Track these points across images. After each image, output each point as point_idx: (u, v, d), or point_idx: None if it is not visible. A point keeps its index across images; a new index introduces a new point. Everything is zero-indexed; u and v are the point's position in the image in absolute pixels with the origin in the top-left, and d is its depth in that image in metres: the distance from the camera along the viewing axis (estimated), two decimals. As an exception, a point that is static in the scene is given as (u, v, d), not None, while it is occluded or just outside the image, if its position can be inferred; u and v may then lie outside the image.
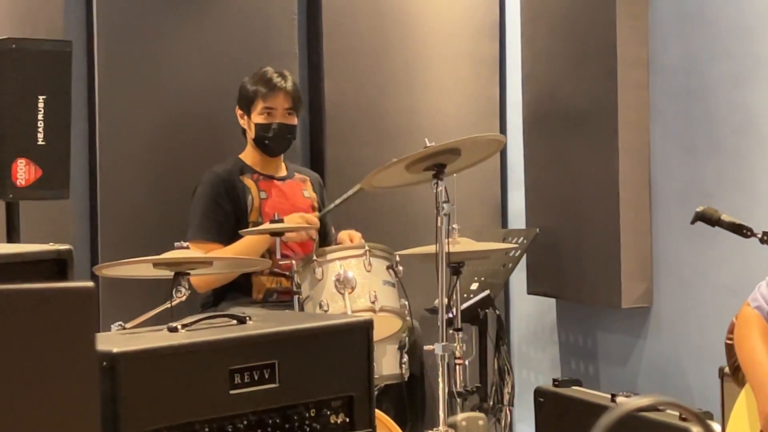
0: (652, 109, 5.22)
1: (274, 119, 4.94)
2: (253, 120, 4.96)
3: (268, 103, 4.95)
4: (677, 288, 5.14)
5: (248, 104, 4.98)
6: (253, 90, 4.96)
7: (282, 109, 4.96)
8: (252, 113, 4.97)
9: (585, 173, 5.44)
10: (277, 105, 4.95)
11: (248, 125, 4.99)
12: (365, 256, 4.47)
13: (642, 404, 1.14)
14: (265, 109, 4.95)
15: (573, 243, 5.56)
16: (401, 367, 4.50)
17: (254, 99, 4.96)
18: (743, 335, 3.03)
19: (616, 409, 1.09)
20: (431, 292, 4.42)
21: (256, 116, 4.96)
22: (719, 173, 4.85)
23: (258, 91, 4.95)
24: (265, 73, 4.99)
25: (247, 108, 4.98)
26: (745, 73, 4.73)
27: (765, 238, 3.57)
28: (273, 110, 4.95)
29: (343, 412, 3.11)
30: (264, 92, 4.94)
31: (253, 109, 4.97)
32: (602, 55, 5.28)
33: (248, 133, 5.01)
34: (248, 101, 4.98)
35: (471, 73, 6.12)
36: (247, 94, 4.99)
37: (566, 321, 5.90)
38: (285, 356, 2.98)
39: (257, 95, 4.95)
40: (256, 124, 4.95)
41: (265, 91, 4.94)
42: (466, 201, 5.59)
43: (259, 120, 4.95)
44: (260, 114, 4.96)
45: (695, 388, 4.94)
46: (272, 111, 4.95)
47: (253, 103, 4.96)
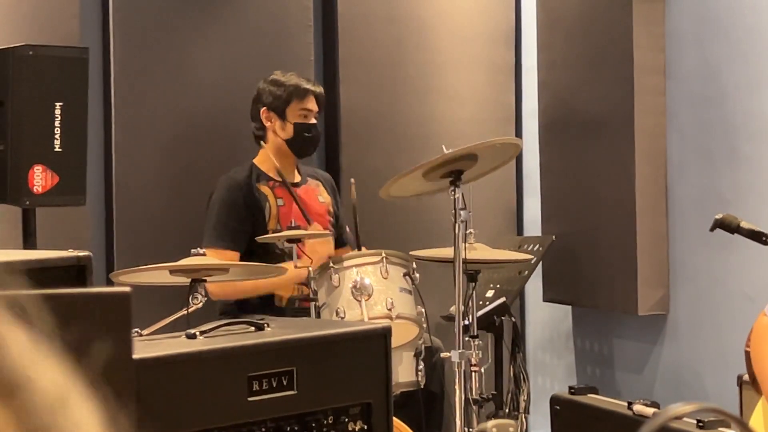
0: (669, 115, 5.21)
1: (309, 121, 4.96)
2: (290, 120, 4.94)
3: (306, 105, 4.95)
4: (694, 295, 5.12)
5: (283, 105, 4.95)
6: (289, 91, 4.95)
7: (315, 112, 4.98)
8: (288, 114, 4.95)
9: (601, 180, 5.44)
10: (313, 107, 4.97)
11: (281, 127, 4.96)
12: (382, 263, 4.46)
13: (686, 410, 1.13)
14: (302, 111, 4.95)
15: (589, 250, 5.55)
16: (417, 375, 4.49)
17: (290, 100, 4.95)
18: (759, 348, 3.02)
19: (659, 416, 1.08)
20: (447, 300, 4.42)
21: (294, 117, 4.94)
22: (736, 180, 4.84)
23: (296, 92, 4.94)
24: (291, 76, 5.00)
25: (281, 109, 4.95)
26: (762, 80, 4.72)
27: (784, 245, 3.56)
28: (309, 112, 4.96)
29: (361, 419, 3.10)
30: (302, 93, 4.94)
31: (289, 111, 4.94)
32: (619, 62, 5.28)
33: (279, 134, 4.96)
34: (282, 102, 4.95)
35: (487, 80, 6.11)
36: (280, 95, 4.95)
37: (582, 328, 5.89)
38: (303, 363, 2.97)
39: (295, 96, 4.94)
40: (296, 124, 4.94)
41: (303, 92, 4.95)
42: (481, 208, 5.58)
43: (297, 119, 4.94)
44: (298, 115, 4.94)
45: (713, 395, 4.92)
46: (309, 113, 4.96)
47: (290, 104, 4.95)
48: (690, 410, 1.15)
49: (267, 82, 5.01)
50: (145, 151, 5.25)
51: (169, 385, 2.75)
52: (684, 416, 0.96)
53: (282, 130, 4.97)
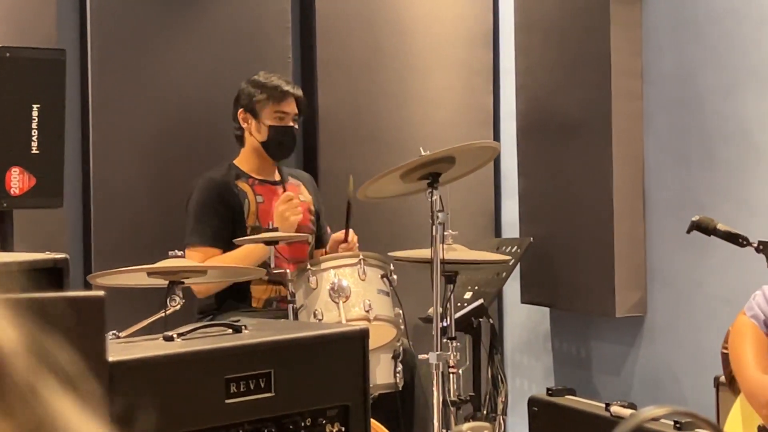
0: (646, 118, 5.23)
1: (286, 123, 4.95)
2: (265, 122, 4.94)
3: (282, 107, 4.94)
4: (671, 297, 5.14)
5: (258, 107, 4.95)
6: (266, 93, 4.95)
7: (292, 115, 4.97)
8: (262, 116, 4.95)
9: (579, 182, 5.45)
10: (290, 110, 4.96)
11: (256, 128, 4.97)
12: (360, 265, 4.46)
13: (658, 413, 1.13)
14: (278, 113, 4.94)
15: (567, 252, 5.56)
16: (395, 377, 4.50)
17: (267, 102, 4.94)
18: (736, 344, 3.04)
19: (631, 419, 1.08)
20: (425, 301, 4.42)
21: (268, 119, 4.94)
22: (713, 183, 4.86)
23: (272, 95, 4.94)
24: (272, 78, 4.99)
25: (256, 111, 4.96)
26: (738, 83, 4.74)
27: (760, 247, 3.57)
28: (286, 115, 4.95)
29: (338, 421, 3.09)
30: (278, 96, 4.94)
31: (264, 113, 4.94)
32: (596, 65, 5.29)
33: (255, 136, 4.97)
34: (258, 104, 4.95)
35: (465, 83, 6.12)
36: (257, 96, 4.96)
37: (560, 330, 5.90)
38: (281, 365, 2.97)
39: (271, 98, 4.94)
40: (270, 126, 4.94)
41: (280, 95, 4.94)
42: (459, 210, 5.59)
43: (272, 122, 4.94)
44: (273, 117, 4.94)
45: (689, 396, 4.94)
46: (285, 116, 4.95)
47: (266, 106, 4.95)
48: (661, 414, 1.16)
49: (248, 82, 5.02)
50: (123, 152, 5.24)
51: (146, 388, 2.74)
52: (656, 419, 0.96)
53: (257, 131, 4.97)
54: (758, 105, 4.65)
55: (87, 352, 0.72)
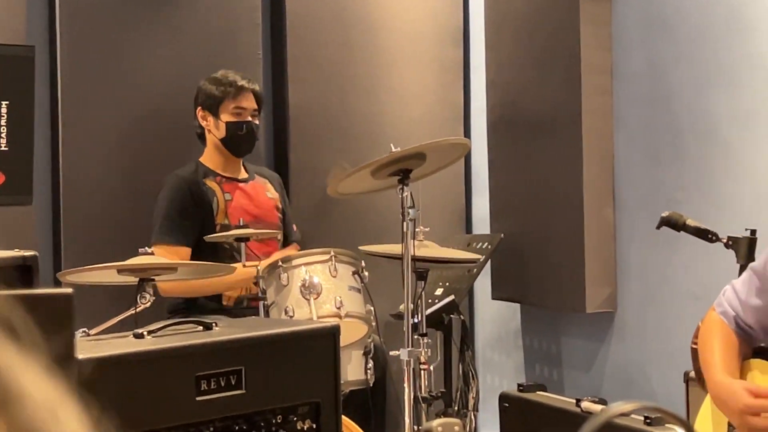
0: (616, 115, 5.25)
1: (244, 119, 4.93)
2: (223, 119, 4.94)
3: (239, 103, 4.94)
4: (641, 293, 5.16)
5: (216, 104, 4.95)
6: (221, 89, 4.95)
7: (250, 110, 4.95)
8: (220, 113, 4.95)
9: (549, 179, 5.46)
10: (247, 105, 4.94)
11: (215, 126, 4.97)
12: (331, 262, 4.46)
13: (626, 409, 1.14)
14: (235, 109, 4.94)
15: (537, 248, 5.57)
16: (366, 373, 4.50)
17: (223, 99, 4.94)
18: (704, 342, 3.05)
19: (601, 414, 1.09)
20: (397, 298, 4.42)
21: (226, 115, 4.94)
22: (682, 179, 4.88)
23: (227, 91, 4.94)
24: (228, 74, 4.99)
25: (214, 108, 4.96)
26: (707, 80, 4.76)
27: (730, 242, 3.59)
28: (243, 110, 4.94)
29: (309, 418, 3.09)
30: (234, 92, 4.93)
31: (221, 109, 4.94)
32: (566, 61, 5.30)
33: (214, 133, 4.98)
34: (215, 101, 4.95)
35: (435, 79, 6.13)
36: (213, 93, 4.96)
37: (530, 326, 5.92)
38: (251, 362, 2.97)
39: (227, 95, 4.94)
40: (228, 123, 4.93)
41: (235, 90, 4.93)
42: (430, 206, 5.59)
43: (230, 119, 4.93)
44: (231, 113, 4.94)
45: (659, 392, 4.96)
46: (242, 111, 4.94)
47: (222, 102, 4.94)
48: (630, 409, 1.16)
49: (206, 80, 5.02)
50: (93, 150, 5.22)
51: (116, 385, 2.73)
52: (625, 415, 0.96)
53: (216, 128, 4.98)
54: (727, 101, 4.66)
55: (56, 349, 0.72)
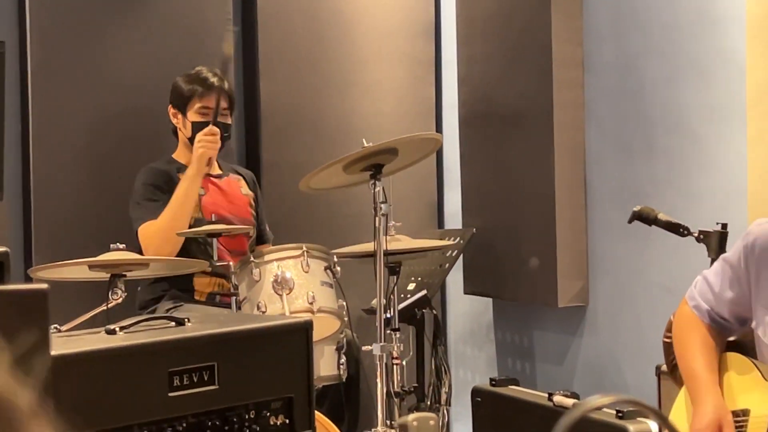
0: (587, 108, 5.26)
1: (210, 119, 4.91)
2: (189, 119, 4.93)
3: (205, 102, 4.92)
4: (613, 287, 5.18)
5: (183, 103, 4.95)
6: (189, 88, 4.93)
7: (218, 109, 4.93)
8: (187, 112, 4.94)
9: (521, 173, 5.47)
10: (214, 104, 4.92)
11: (183, 124, 4.96)
12: (303, 257, 4.45)
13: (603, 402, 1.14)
14: (201, 108, 4.92)
15: (509, 243, 5.58)
16: (339, 368, 4.50)
17: (190, 98, 4.93)
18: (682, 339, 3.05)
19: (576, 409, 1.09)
20: (369, 293, 4.42)
21: (192, 115, 4.93)
22: (653, 172, 4.89)
23: (194, 90, 4.92)
24: (200, 72, 4.97)
25: (182, 107, 4.95)
26: (678, 73, 4.77)
27: (701, 236, 3.60)
28: (209, 109, 4.92)
29: (282, 413, 3.09)
30: (201, 91, 4.91)
31: (188, 108, 4.93)
32: (537, 55, 5.31)
33: (182, 131, 4.98)
34: (183, 100, 4.95)
35: (407, 74, 6.13)
36: (182, 92, 4.95)
37: (503, 320, 5.93)
38: (224, 358, 2.96)
39: (194, 94, 4.92)
40: (193, 123, 4.92)
41: (202, 90, 4.91)
42: (402, 201, 5.60)
43: (195, 118, 4.92)
44: (197, 113, 4.92)
45: (631, 385, 4.98)
46: (208, 110, 4.92)
47: (189, 101, 4.93)
48: (607, 402, 1.16)
49: (180, 77, 5.01)
50: (64, 146, 5.19)
51: (88, 382, 2.72)
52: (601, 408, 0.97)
53: (184, 127, 4.97)
54: (698, 95, 4.68)
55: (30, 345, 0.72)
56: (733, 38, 4.48)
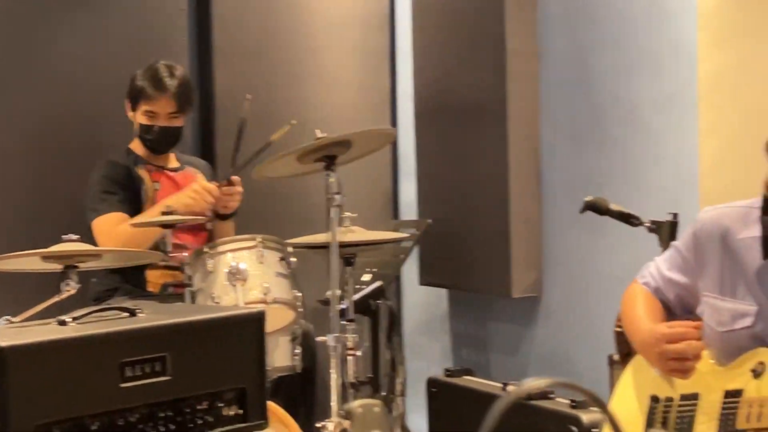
0: (542, 100, 5.28)
1: (156, 122, 4.88)
2: (137, 119, 4.91)
3: (150, 107, 4.86)
4: (566, 277, 5.20)
5: (135, 101, 4.91)
6: (140, 88, 4.87)
7: (165, 114, 4.88)
8: (137, 111, 4.91)
9: (475, 164, 5.48)
10: (160, 109, 4.87)
11: (134, 118, 4.94)
12: (258, 248, 4.45)
13: (539, 385, 1.15)
14: (148, 112, 4.88)
15: (464, 234, 5.59)
16: (294, 359, 4.50)
17: (139, 98, 4.89)
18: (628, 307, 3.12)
19: (513, 392, 1.10)
20: (325, 284, 4.41)
21: (139, 116, 4.89)
22: (606, 163, 4.92)
23: (144, 92, 4.86)
24: (155, 71, 4.89)
25: (134, 103, 4.92)
26: (631, 65, 4.80)
27: (653, 226, 3.63)
28: (155, 114, 4.88)
29: (235, 404, 3.09)
30: (148, 94, 4.85)
31: (137, 107, 4.90)
32: (492, 47, 5.32)
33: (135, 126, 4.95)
34: (135, 98, 4.91)
35: (362, 65, 6.13)
36: (135, 90, 4.90)
37: (458, 311, 5.94)
38: (176, 348, 2.95)
39: (142, 96, 4.87)
40: (140, 124, 4.90)
41: (150, 93, 4.85)
42: (357, 192, 5.60)
43: (142, 120, 4.89)
44: (143, 115, 4.89)
45: (584, 375, 5.00)
46: (154, 115, 4.88)
47: (139, 102, 4.89)
48: (543, 385, 1.18)
49: (140, 71, 4.94)
50: (13, 138, 5.16)
51: (40, 373, 2.71)
52: (536, 392, 0.97)
53: (135, 123, 4.95)
54: (650, 86, 4.71)
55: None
56: (685, 30, 4.51)
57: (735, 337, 2.83)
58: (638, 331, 3.01)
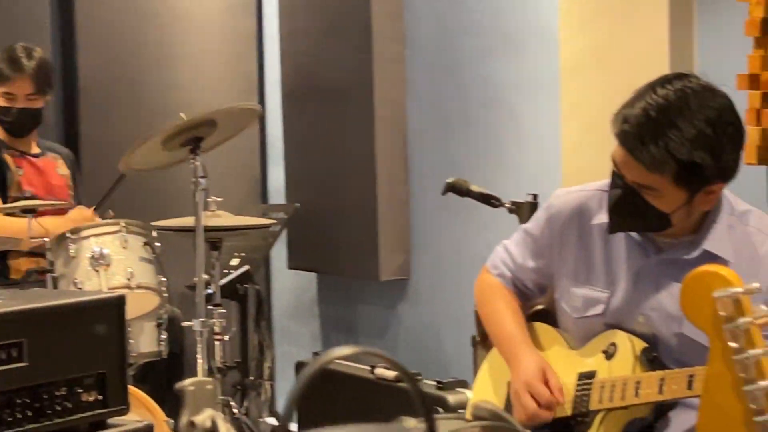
0: (408, 83, 5.30)
1: (14, 104, 4.80)
2: None
3: (8, 88, 4.79)
4: (434, 259, 5.23)
5: None
6: None
7: (23, 95, 4.80)
8: None
9: (343, 148, 5.49)
10: (18, 91, 4.79)
11: None
12: (121, 233, 4.40)
13: (345, 353, 1.16)
14: (5, 94, 4.80)
15: (332, 217, 5.60)
16: (160, 345, 4.47)
17: None
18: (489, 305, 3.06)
19: (316, 361, 1.10)
20: (193, 269, 4.38)
21: None
22: (471, 146, 4.96)
23: (1, 73, 4.78)
24: (12, 52, 4.81)
25: None
26: (494, 49, 4.85)
27: (513, 207, 3.66)
28: (13, 96, 4.80)
29: (95, 389, 3.04)
30: (5, 76, 4.77)
31: None
32: (358, 30, 5.33)
33: None
34: None
35: (229, 48, 6.08)
36: None
37: (327, 295, 5.95)
38: (33, 334, 2.90)
39: None
40: None
41: (7, 74, 4.77)
42: (226, 177, 5.57)
43: (0, 102, 4.81)
44: (1, 97, 4.80)
45: (452, 357, 5.05)
46: (13, 96, 4.80)
47: None
48: (349, 353, 1.18)
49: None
50: None
51: None
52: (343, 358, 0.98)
53: None
54: (513, 70, 4.76)
55: None
56: (547, 14, 4.56)
57: (588, 323, 2.83)
58: (512, 349, 2.93)
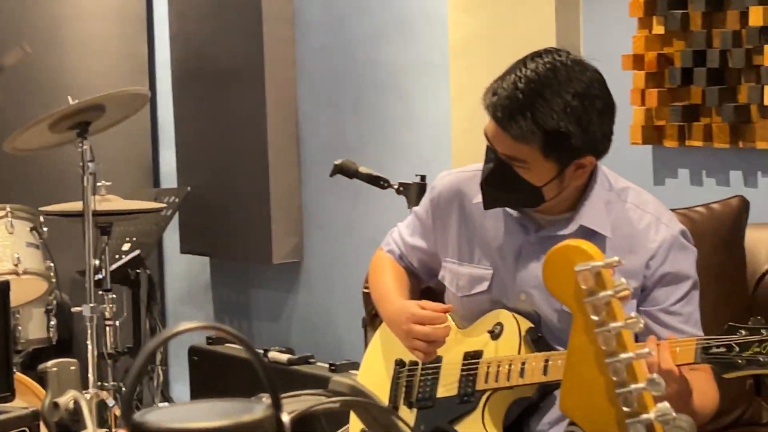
0: (298, 65, 5.29)
1: None
2: None
3: None
4: (326, 242, 5.24)
5: None
6: None
7: None
8: None
9: (234, 131, 5.47)
10: None
11: None
12: (7, 218, 4.36)
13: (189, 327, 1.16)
14: None
15: (225, 201, 5.57)
16: (49, 331, 4.43)
17: None
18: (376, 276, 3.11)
19: (157, 336, 1.11)
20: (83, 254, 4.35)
21: None
22: (362, 128, 4.98)
23: None
24: None
25: None
26: (385, 31, 4.86)
27: (401, 188, 3.68)
28: None
29: (-21, 376, 3.02)
30: None
31: None
32: (248, 11, 5.31)
33: None
34: None
35: (117, 31, 6.01)
36: None
37: (220, 279, 5.92)
38: None
39: None
40: None
41: None
42: (116, 161, 5.52)
43: None
44: None
45: (345, 339, 5.06)
46: None
47: None
48: (192, 327, 1.19)
49: None
50: None
51: None
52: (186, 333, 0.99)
53: None
54: (404, 52, 4.78)
55: None
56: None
57: (474, 302, 2.87)
58: (387, 303, 3.00)
